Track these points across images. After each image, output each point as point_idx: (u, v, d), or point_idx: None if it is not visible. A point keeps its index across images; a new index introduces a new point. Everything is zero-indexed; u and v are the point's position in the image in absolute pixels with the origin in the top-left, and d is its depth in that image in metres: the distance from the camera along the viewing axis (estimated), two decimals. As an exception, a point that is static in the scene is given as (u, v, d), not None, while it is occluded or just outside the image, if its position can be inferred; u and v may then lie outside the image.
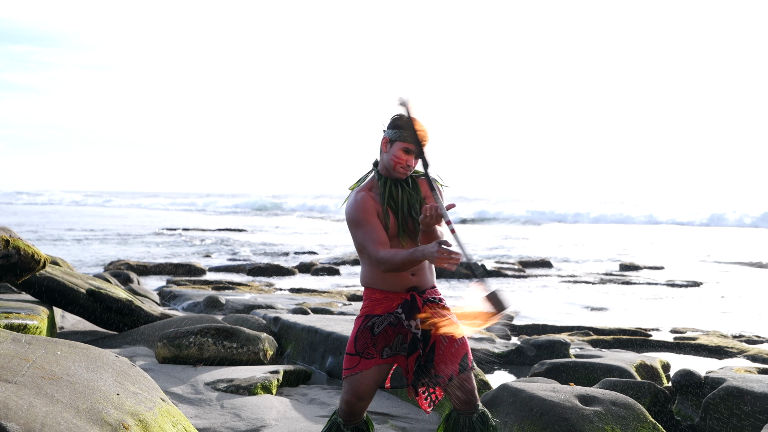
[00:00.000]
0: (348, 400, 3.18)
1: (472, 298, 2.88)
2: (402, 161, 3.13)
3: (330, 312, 8.50)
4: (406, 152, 3.13)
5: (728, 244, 23.62)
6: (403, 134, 3.11)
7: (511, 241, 24.96)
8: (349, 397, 3.17)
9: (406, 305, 3.16)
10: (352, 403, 3.17)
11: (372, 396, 3.19)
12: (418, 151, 3.09)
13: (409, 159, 3.13)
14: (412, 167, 3.17)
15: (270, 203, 56.80)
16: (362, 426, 3.25)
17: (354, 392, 3.16)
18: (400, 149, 3.12)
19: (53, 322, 6.36)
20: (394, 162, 3.14)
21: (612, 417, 3.99)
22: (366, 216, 3.12)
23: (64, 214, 44.95)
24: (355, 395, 3.16)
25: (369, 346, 3.15)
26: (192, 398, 4.87)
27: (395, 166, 3.14)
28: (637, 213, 40.02)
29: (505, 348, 6.69)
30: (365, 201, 3.15)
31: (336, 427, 3.23)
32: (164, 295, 10.60)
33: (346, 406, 3.19)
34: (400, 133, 3.12)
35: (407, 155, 3.12)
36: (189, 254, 18.94)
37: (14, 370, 2.90)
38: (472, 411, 3.15)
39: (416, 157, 3.14)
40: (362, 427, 3.26)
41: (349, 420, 3.21)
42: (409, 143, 3.11)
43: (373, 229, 3.09)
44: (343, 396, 3.20)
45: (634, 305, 10.90)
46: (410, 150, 3.12)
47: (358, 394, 3.16)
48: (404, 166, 3.14)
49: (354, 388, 3.15)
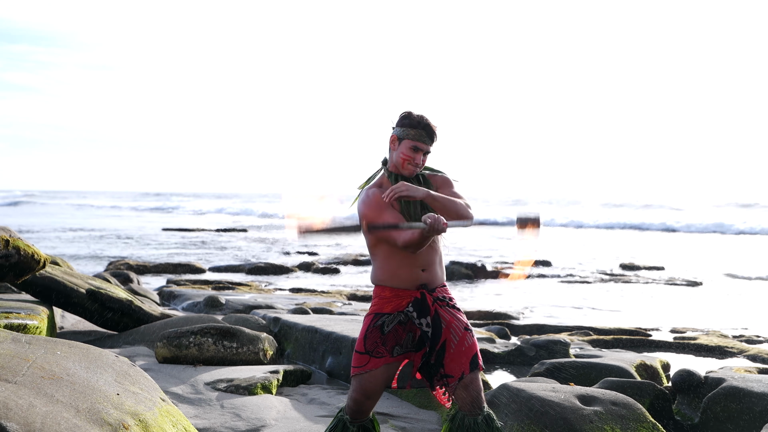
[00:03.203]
0: (356, 398, 3.18)
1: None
2: (410, 159, 3.16)
3: (330, 312, 8.50)
4: (414, 150, 3.15)
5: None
6: (411, 132, 3.13)
7: (511, 242, 24.94)
8: (357, 396, 3.18)
9: (417, 303, 3.17)
10: (360, 401, 3.18)
11: (380, 395, 3.20)
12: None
13: (417, 157, 3.16)
14: (421, 165, 3.19)
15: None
16: (368, 425, 3.26)
17: (362, 390, 3.17)
18: (408, 147, 3.15)
19: (53, 322, 6.36)
20: (402, 159, 3.17)
21: (612, 417, 3.99)
22: (380, 209, 3.14)
23: (64, 214, 44.93)
24: (363, 393, 3.17)
25: (379, 344, 3.16)
26: (192, 398, 4.87)
27: (403, 164, 3.17)
28: (650, 219, 38.20)
29: (505, 348, 6.69)
30: (377, 196, 3.16)
31: (342, 425, 3.24)
32: (164, 295, 10.60)
33: (354, 404, 3.20)
34: (408, 131, 3.14)
35: (415, 153, 3.15)
36: (189, 254, 18.94)
37: (14, 370, 2.90)
38: (477, 412, 3.15)
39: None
40: (368, 426, 3.26)
41: (356, 418, 3.22)
42: (417, 141, 3.13)
43: (390, 219, 3.11)
44: (350, 394, 3.21)
45: (634, 305, 10.90)
46: (418, 148, 3.14)
47: (367, 393, 3.17)
48: (413, 164, 3.17)
49: (362, 387, 3.16)
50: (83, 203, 68.00)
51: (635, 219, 38.47)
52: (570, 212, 43.86)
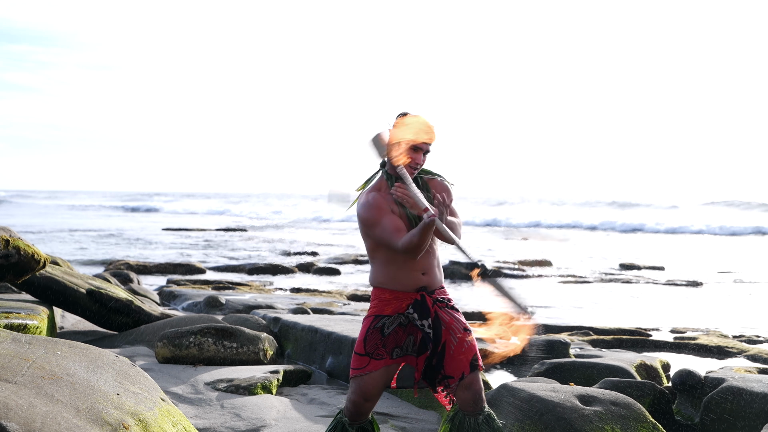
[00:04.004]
0: (355, 401, 3.17)
1: (489, 301, 2.95)
2: (410, 160, 3.14)
3: (330, 312, 8.50)
4: (414, 150, 3.14)
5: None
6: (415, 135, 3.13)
7: (512, 242, 24.96)
8: (356, 398, 3.17)
9: (418, 305, 3.16)
10: (358, 403, 3.17)
11: (378, 396, 3.19)
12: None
13: (417, 157, 3.14)
14: (418, 165, 3.17)
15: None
16: (367, 426, 3.25)
17: (361, 392, 3.15)
18: (409, 148, 3.13)
19: (53, 322, 6.36)
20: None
21: (612, 417, 3.99)
22: (380, 213, 3.14)
23: (64, 214, 44.93)
24: (362, 395, 3.16)
25: (379, 346, 3.15)
26: (192, 398, 4.87)
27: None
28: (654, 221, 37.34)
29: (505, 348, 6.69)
30: (377, 200, 3.16)
31: (341, 427, 3.22)
32: (164, 294, 10.60)
33: (353, 406, 3.18)
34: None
35: (415, 153, 3.14)
36: (189, 254, 18.94)
37: (14, 370, 2.90)
38: (478, 412, 3.14)
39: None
40: (367, 428, 3.25)
41: (355, 420, 3.21)
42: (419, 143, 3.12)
43: (390, 223, 3.11)
44: (349, 396, 3.19)
45: (634, 305, 10.90)
46: (418, 148, 3.13)
47: (366, 395, 3.15)
48: (412, 165, 3.14)
49: (361, 389, 3.15)
50: (83, 204, 67.95)
51: (635, 220, 38.22)
52: (569, 213, 43.84)
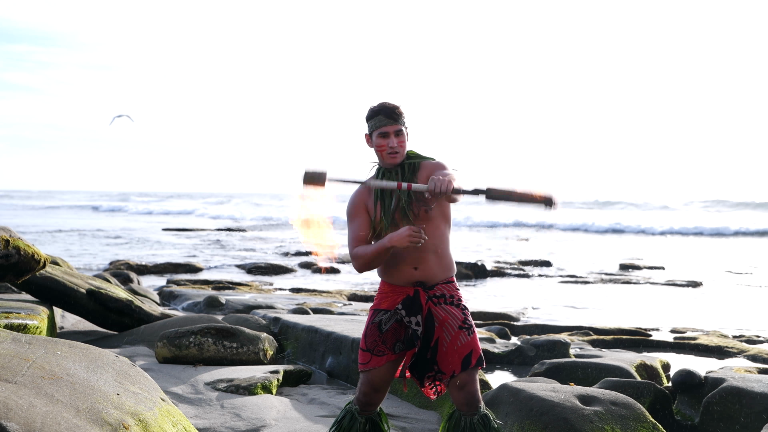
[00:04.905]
0: (365, 391, 3.25)
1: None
2: (384, 147, 3.13)
3: (330, 312, 8.50)
4: (383, 136, 3.12)
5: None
6: (373, 122, 3.12)
7: (511, 243, 24.95)
8: (365, 388, 3.24)
9: (407, 302, 3.17)
10: (368, 393, 3.24)
11: (387, 387, 3.27)
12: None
13: (389, 141, 3.11)
14: (399, 149, 3.13)
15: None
16: (376, 418, 3.31)
17: (370, 384, 3.23)
18: (377, 136, 3.13)
19: (53, 322, 6.36)
20: (379, 151, 3.17)
21: (612, 417, 3.99)
22: (354, 211, 3.19)
23: (63, 214, 44.93)
24: (371, 387, 3.23)
25: (378, 343, 3.19)
26: (192, 398, 4.87)
27: (382, 154, 3.16)
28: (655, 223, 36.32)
29: (506, 348, 6.69)
30: (356, 196, 3.21)
31: (350, 416, 3.29)
32: (164, 294, 10.60)
33: (363, 397, 3.25)
34: (371, 122, 3.14)
35: (386, 138, 3.11)
36: (189, 254, 18.94)
37: (14, 370, 2.90)
38: (473, 413, 3.15)
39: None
40: (375, 419, 3.31)
41: (365, 409, 3.28)
42: (381, 127, 3.10)
43: (356, 227, 3.15)
44: (359, 387, 3.27)
45: (634, 305, 10.90)
46: (385, 133, 3.11)
47: (374, 386, 3.23)
48: (389, 152, 3.13)
49: (369, 381, 3.23)
50: (82, 204, 67.92)
51: (634, 221, 38.06)
52: (570, 213, 43.83)
